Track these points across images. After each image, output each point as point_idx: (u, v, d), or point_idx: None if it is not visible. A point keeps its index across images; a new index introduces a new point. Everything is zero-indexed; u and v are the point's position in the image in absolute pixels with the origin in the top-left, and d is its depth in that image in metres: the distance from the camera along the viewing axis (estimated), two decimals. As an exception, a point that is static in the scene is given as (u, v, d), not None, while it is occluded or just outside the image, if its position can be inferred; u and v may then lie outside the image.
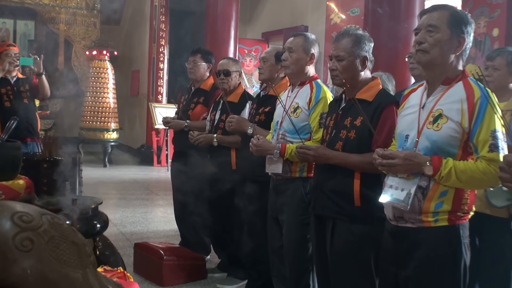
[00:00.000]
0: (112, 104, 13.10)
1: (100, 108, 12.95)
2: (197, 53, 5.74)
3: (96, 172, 11.47)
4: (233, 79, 5.11)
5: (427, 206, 2.56)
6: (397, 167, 2.58)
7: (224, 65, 5.16)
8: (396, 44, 5.23)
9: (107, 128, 12.90)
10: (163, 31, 13.50)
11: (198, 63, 5.68)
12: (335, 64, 3.31)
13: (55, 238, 1.01)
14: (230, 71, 5.08)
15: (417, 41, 2.67)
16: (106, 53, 13.34)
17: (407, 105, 2.82)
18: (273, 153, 3.77)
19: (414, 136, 2.64)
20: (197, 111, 5.66)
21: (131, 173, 12.01)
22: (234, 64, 5.18)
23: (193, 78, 5.78)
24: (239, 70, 5.18)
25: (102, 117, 12.92)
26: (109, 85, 13.12)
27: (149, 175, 11.87)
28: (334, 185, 3.26)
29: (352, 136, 3.21)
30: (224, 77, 5.07)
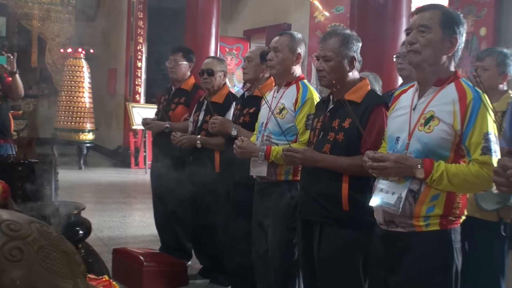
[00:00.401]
0: (88, 103, 13.01)
1: (75, 108, 12.84)
2: (178, 52, 5.73)
3: (71, 175, 11.37)
4: (217, 79, 5.11)
5: (418, 210, 2.57)
6: (388, 170, 2.60)
7: (208, 64, 5.16)
8: (383, 43, 5.24)
9: (83, 128, 12.81)
10: (141, 28, 13.44)
11: (180, 62, 5.67)
12: (322, 65, 3.32)
13: (45, 247, 1.00)
14: (214, 71, 5.08)
15: (409, 41, 2.69)
16: (81, 51, 13.24)
17: (397, 106, 2.84)
18: (258, 156, 3.77)
19: (405, 138, 2.66)
20: (178, 112, 5.65)
21: (108, 175, 11.93)
22: (218, 63, 5.18)
23: (174, 78, 5.77)
24: (223, 70, 5.18)
25: (77, 117, 12.82)
26: (85, 84, 13.02)
27: (126, 178, 11.80)
28: (321, 189, 3.27)
29: (340, 139, 3.22)
30: (207, 77, 5.07)
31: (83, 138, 12.79)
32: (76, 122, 12.81)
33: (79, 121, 12.83)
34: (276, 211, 3.84)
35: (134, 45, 13.46)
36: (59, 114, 12.95)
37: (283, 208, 3.81)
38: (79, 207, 3.04)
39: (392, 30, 5.27)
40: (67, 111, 12.86)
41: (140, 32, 13.46)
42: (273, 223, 3.86)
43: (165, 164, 5.61)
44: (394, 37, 5.25)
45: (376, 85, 4.67)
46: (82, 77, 13.02)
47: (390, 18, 5.34)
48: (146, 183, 10.65)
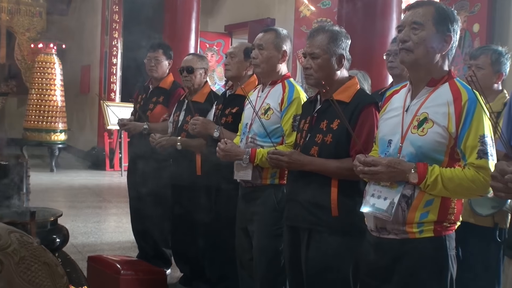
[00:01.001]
0: (60, 102, 12.91)
1: (46, 107, 12.75)
2: (159, 49, 5.70)
3: (42, 177, 11.30)
4: (198, 76, 5.10)
5: (411, 216, 2.58)
6: (379, 175, 2.60)
7: (188, 61, 5.15)
8: (372, 39, 5.26)
9: (54, 129, 12.72)
10: (117, 23, 13.38)
11: (161, 61, 5.65)
12: (309, 62, 3.32)
13: (26, 258, 1.00)
14: (194, 68, 5.07)
15: (401, 39, 2.69)
16: (53, 46, 13.14)
17: (389, 107, 2.84)
18: (242, 159, 3.77)
19: (397, 141, 2.67)
20: (156, 112, 5.63)
21: (81, 178, 11.87)
22: (199, 60, 5.17)
23: (154, 76, 5.74)
24: (204, 67, 5.17)
25: (49, 117, 12.73)
26: (57, 82, 12.93)
27: (101, 181, 11.75)
28: (309, 193, 3.27)
29: (328, 141, 3.22)
30: (187, 74, 5.06)
31: (55, 139, 12.70)
32: (47, 121, 12.72)
33: (51, 120, 12.74)
34: (262, 217, 3.84)
35: (109, 40, 13.40)
36: (29, 113, 12.84)
37: (268, 214, 3.81)
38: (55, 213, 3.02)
39: (382, 26, 5.29)
40: (37, 110, 12.76)
41: (116, 27, 13.40)
42: (258, 229, 3.86)
43: (143, 166, 5.59)
44: (384, 33, 5.27)
45: (365, 84, 4.69)
46: (53, 74, 12.93)
47: (380, 13, 5.36)
48: (122, 186, 10.66)
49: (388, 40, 5.07)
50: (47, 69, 12.92)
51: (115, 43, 13.43)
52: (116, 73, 13.49)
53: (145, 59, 5.77)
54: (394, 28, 5.18)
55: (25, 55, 14.99)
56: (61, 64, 13.15)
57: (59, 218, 3.08)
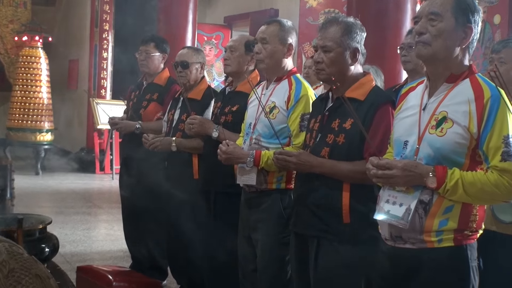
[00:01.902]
0: (46, 99, 12.93)
1: (31, 105, 12.77)
2: (150, 42, 5.71)
3: (27, 181, 11.30)
4: (194, 72, 5.10)
5: (429, 223, 2.57)
6: (395, 179, 2.59)
7: (182, 55, 5.15)
8: (385, 31, 5.26)
9: (40, 128, 12.74)
10: (107, 14, 13.40)
11: (152, 54, 5.66)
12: (320, 56, 3.31)
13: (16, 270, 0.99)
14: (190, 63, 5.07)
15: (417, 31, 2.69)
16: (38, 39, 13.17)
17: (405, 106, 2.84)
18: (246, 162, 3.76)
19: (414, 143, 2.66)
20: (150, 110, 5.64)
21: (69, 182, 11.89)
22: (194, 54, 5.17)
23: (145, 71, 5.75)
24: (201, 62, 5.16)
25: (34, 115, 12.75)
26: (42, 77, 12.96)
27: (90, 185, 11.77)
28: (319, 198, 3.26)
29: (340, 141, 3.22)
30: (182, 70, 5.06)
31: (41, 139, 12.72)
32: (33, 120, 12.73)
33: (36, 119, 12.76)
34: (266, 224, 3.84)
35: (99, 32, 13.42)
36: (13, 111, 12.86)
37: (274, 221, 3.81)
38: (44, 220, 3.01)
39: (396, 17, 5.29)
40: (22, 108, 12.78)
41: (106, 18, 13.42)
42: (263, 238, 3.86)
43: (136, 169, 5.59)
44: (398, 25, 5.28)
45: (378, 80, 4.69)
46: (39, 69, 12.95)
47: (394, 2, 5.37)
48: (113, 190, 10.68)
49: (403, 32, 5.07)
50: (32, 64, 12.94)
51: (106, 36, 13.44)
52: (106, 68, 13.50)
53: (136, 53, 5.77)
54: (409, 19, 5.18)
55: (8, 48, 14.95)
56: (47, 59, 13.17)
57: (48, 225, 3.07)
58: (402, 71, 5.01)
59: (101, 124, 12.11)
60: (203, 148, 4.67)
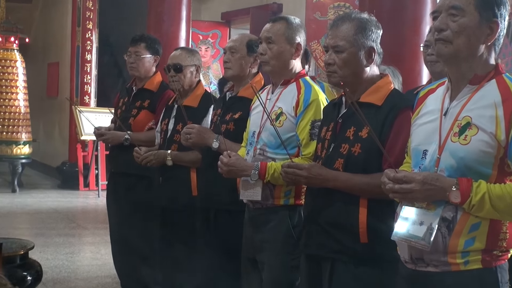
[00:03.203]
0: (23, 108, 12.94)
1: (6, 114, 12.76)
2: (140, 42, 5.72)
3: (2, 199, 11.33)
4: (188, 76, 5.08)
5: (454, 243, 2.57)
6: (413, 194, 2.59)
7: (175, 57, 5.15)
8: (402, 28, 5.27)
9: (17, 140, 12.73)
10: (91, 11, 13.40)
11: (142, 56, 5.67)
12: (332, 57, 3.33)
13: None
14: (183, 66, 5.06)
15: (437, 27, 2.69)
16: (14, 40, 13.18)
17: (424, 110, 2.84)
18: (250, 175, 3.77)
19: (434, 152, 2.66)
20: (140, 119, 5.65)
21: (50, 200, 11.88)
22: (188, 56, 5.16)
23: (135, 75, 5.76)
24: (196, 64, 5.15)
25: (10, 126, 12.75)
26: (19, 83, 12.96)
27: (73, 203, 11.77)
28: (333, 216, 3.27)
29: (356, 152, 3.23)
30: (175, 74, 5.05)
31: (18, 153, 12.71)
32: (8, 132, 12.73)
33: (12, 130, 12.75)
34: (274, 245, 3.84)
35: (81, 32, 13.41)
36: (-14, 122, 12.87)
37: (282, 241, 3.81)
38: (26, 245, 3.03)
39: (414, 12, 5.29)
40: (-4, 118, 12.79)
41: (89, 16, 13.42)
42: (270, 260, 3.85)
43: (125, 185, 5.60)
44: (416, 20, 5.28)
45: (395, 81, 4.69)
46: (15, 73, 12.95)
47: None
48: (100, 209, 10.65)
49: (422, 28, 5.09)
50: (7, 68, 12.93)
51: (89, 36, 13.44)
52: (90, 72, 13.49)
53: (125, 55, 5.79)
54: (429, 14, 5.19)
55: (-20, 51, 15.02)
56: (24, 62, 13.17)
57: (30, 251, 3.08)
58: (423, 72, 5.02)
59: (85, 134, 12.10)
60: (202, 161, 4.68)
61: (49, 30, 15.25)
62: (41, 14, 15.81)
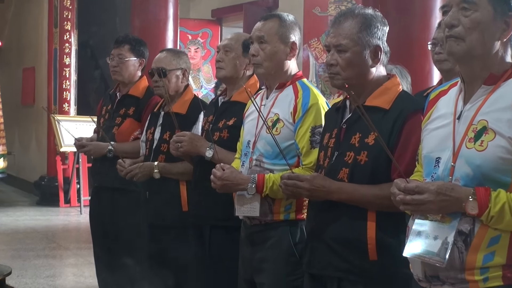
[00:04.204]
0: (-4, 118, 12.97)
1: (-22, 125, 12.80)
2: (124, 44, 5.73)
3: (-25, 219, 11.35)
4: (173, 80, 5.05)
5: (472, 259, 2.56)
6: (427, 205, 2.57)
7: (158, 61, 5.14)
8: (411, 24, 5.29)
9: (-10, 153, 12.77)
10: (69, 10, 13.40)
11: (126, 59, 5.68)
12: (334, 57, 3.32)
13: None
14: (167, 70, 5.04)
15: (447, 23, 2.67)
16: (-16, 44, 13.22)
17: (435, 114, 2.85)
18: (247, 188, 3.76)
19: (448, 160, 2.66)
20: (125, 128, 5.65)
21: (28, 218, 11.86)
22: (174, 59, 5.12)
23: (119, 80, 5.77)
24: (183, 67, 5.12)
25: (-18, 138, 12.78)
26: (-9, 91, 12.99)
27: (54, 221, 11.75)
28: (338, 231, 3.27)
29: (362, 160, 3.23)
30: (158, 79, 5.02)
31: (-9, 167, 12.74)
32: (-20, 144, 12.76)
33: (-16, 142, 12.78)
34: (274, 264, 3.82)
35: (59, 33, 13.41)
36: (-44, 133, 12.87)
37: (283, 260, 3.80)
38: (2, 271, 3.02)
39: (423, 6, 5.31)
40: (-34, 129, 12.79)
41: (68, 16, 13.43)
42: (270, 281, 3.84)
43: (110, 201, 5.60)
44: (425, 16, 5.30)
45: (403, 82, 4.70)
46: (-14, 80, 12.97)
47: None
48: (82, 227, 10.63)
49: (431, 23, 5.09)
50: (-22, 75, 12.97)
51: (68, 38, 13.43)
52: (70, 77, 13.48)
53: (108, 58, 5.79)
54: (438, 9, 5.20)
55: None
56: (-4, 68, 13.21)
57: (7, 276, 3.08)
58: (433, 72, 5.03)
59: (65, 146, 12.09)
60: (193, 172, 4.68)
61: (23, 32, 15.25)
62: (14, 15, 15.81)
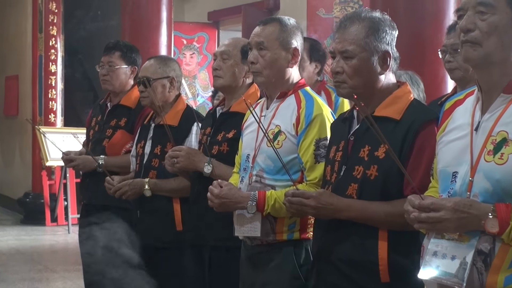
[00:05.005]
0: (-23, 130, 12.99)
1: (-43, 138, 12.83)
2: (114, 51, 5.73)
3: (-46, 239, 11.36)
4: (159, 90, 5.03)
5: (492, 281, 2.55)
6: (443, 223, 2.58)
7: (144, 70, 5.16)
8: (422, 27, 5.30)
9: (-30, 168, 12.79)
10: (55, 14, 13.42)
11: (116, 66, 5.68)
12: (340, 64, 3.32)
13: None
14: (152, 79, 5.02)
15: (463, 28, 2.68)
16: (-36, 51, 13.25)
17: (451, 125, 2.85)
18: (247, 207, 3.76)
19: (466, 174, 2.66)
20: (116, 141, 5.64)
21: (11, 238, 11.87)
22: (160, 67, 5.10)
23: (109, 89, 5.76)
24: (170, 75, 5.08)
25: (-38, 152, 12.81)
26: (-29, 101, 13.02)
27: (39, 241, 11.76)
28: (347, 251, 3.27)
29: (372, 175, 3.22)
30: (144, 89, 5.02)
31: (-28, 183, 12.76)
32: (-40, 159, 12.79)
33: (-36, 157, 12.81)
34: (277, 287, 3.84)
35: (44, 39, 13.42)
36: None
37: (287, 283, 3.79)
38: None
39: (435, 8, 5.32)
40: None
41: (53, 20, 13.44)
42: (273, 306, 3.86)
43: (101, 220, 5.59)
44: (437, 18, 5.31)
45: (415, 90, 4.69)
46: (-34, 90, 13.01)
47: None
48: (71, 248, 10.62)
49: (444, 26, 5.09)
50: (-43, 84, 13.00)
51: (53, 43, 13.44)
52: (56, 86, 13.48)
53: (97, 66, 5.79)
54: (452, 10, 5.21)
55: None
56: (-24, 76, 13.23)
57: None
58: (447, 78, 5.02)
59: (51, 160, 12.10)
60: (190, 188, 4.67)
61: (5, 38, 15.27)
62: (-5, 19, 15.85)
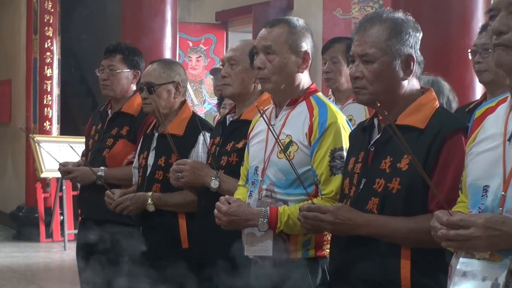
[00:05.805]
0: (-33, 139, 13.03)
1: None
2: (115, 54, 5.74)
3: None
4: (164, 97, 5.05)
5: None
6: (473, 242, 2.57)
7: (147, 75, 5.16)
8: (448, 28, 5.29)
9: (-41, 180, 12.82)
10: (51, 14, 13.46)
11: (118, 70, 5.68)
12: (360, 69, 3.32)
13: None
14: (155, 85, 5.03)
15: (495, 30, 2.68)
16: (-47, 54, 13.30)
17: (482, 135, 2.84)
18: (257, 224, 3.75)
19: (498, 188, 2.65)
20: (118, 151, 5.64)
21: (3, 255, 11.89)
22: (164, 71, 5.10)
23: (109, 95, 5.77)
24: (175, 80, 5.09)
25: (-49, 162, 12.85)
26: (-39, 107, 13.06)
27: (33, 258, 11.77)
28: (367, 271, 3.27)
29: (395, 188, 3.22)
30: (147, 96, 5.01)
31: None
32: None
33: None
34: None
35: (39, 41, 13.45)
36: None
37: (303, 304, 3.81)
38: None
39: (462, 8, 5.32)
40: None
41: (49, 20, 13.48)
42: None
43: (100, 236, 5.59)
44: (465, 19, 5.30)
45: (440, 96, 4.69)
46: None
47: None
48: (67, 266, 10.66)
49: (472, 27, 5.09)
50: None
51: (49, 46, 13.47)
52: (51, 91, 13.51)
53: (97, 70, 5.79)
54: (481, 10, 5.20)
55: None
56: (-33, 81, 13.27)
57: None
58: (475, 84, 5.02)
59: (47, 171, 12.11)
60: (196, 203, 4.67)
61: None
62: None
